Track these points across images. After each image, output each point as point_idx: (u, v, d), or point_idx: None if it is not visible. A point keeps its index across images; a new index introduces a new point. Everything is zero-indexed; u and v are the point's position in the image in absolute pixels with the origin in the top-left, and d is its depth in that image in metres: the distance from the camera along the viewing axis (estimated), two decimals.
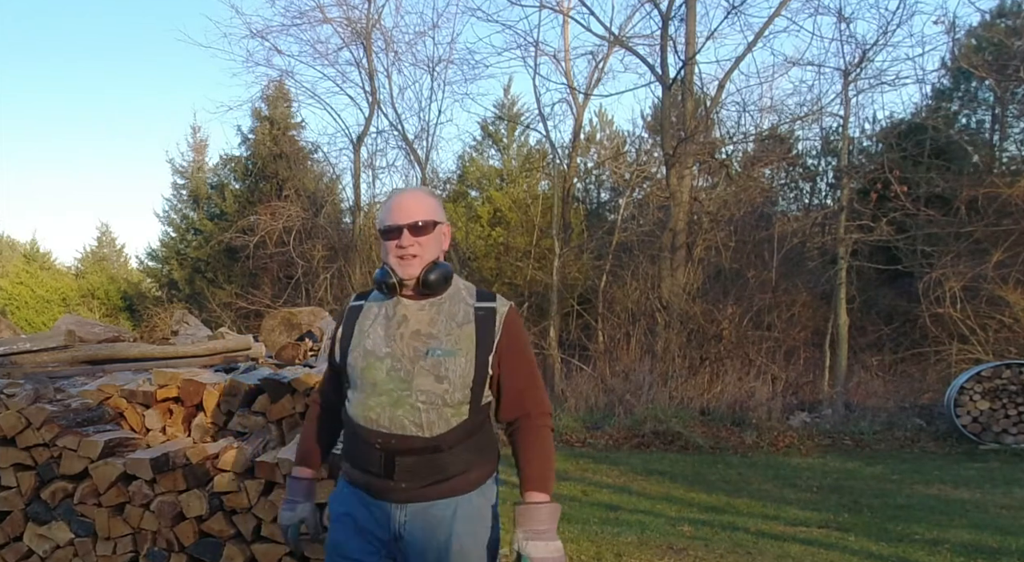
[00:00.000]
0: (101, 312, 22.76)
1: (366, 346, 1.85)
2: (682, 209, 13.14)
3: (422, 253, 1.82)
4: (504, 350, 1.84)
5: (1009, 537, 5.21)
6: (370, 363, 1.82)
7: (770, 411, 10.00)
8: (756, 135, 15.10)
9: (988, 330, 11.29)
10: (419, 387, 1.77)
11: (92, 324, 6.26)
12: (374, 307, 1.91)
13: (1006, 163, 14.48)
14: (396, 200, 1.87)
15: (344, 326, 1.94)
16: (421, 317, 1.84)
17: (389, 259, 1.85)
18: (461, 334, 1.81)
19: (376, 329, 1.86)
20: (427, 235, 1.83)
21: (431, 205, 1.87)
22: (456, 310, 1.85)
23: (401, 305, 1.86)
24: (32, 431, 3.30)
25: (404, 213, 1.83)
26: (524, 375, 1.88)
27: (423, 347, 1.80)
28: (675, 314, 12.32)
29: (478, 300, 1.88)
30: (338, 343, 1.94)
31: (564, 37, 15.93)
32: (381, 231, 1.87)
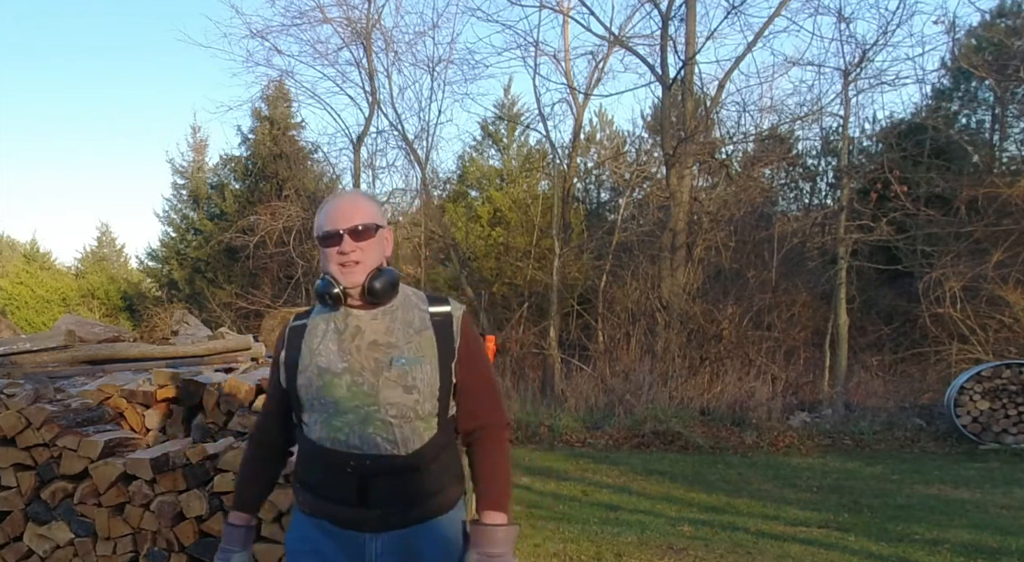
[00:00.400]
0: (101, 312, 22.76)
1: (319, 364, 1.70)
2: (682, 209, 13.14)
3: (365, 259, 1.70)
4: (464, 356, 1.73)
5: (1009, 537, 5.21)
6: (327, 381, 1.68)
7: (770, 411, 9.99)
8: (756, 135, 15.10)
9: (988, 330, 11.29)
10: (387, 400, 1.64)
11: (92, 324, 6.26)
12: (320, 323, 1.76)
13: (1006, 163, 14.48)
14: (334, 204, 1.75)
15: (288, 350, 1.78)
16: (376, 327, 1.71)
17: (330, 267, 1.72)
18: (422, 341, 1.70)
19: (327, 345, 1.71)
20: (369, 240, 1.71)
21: (371, 209, 1.74)
22: (411, 317, 1.73)
23: (352, 316, 1.73)
24: (32, 431, 3.30)
25: (343, 217, 1.70)
26: (484, 383, 1.77)
27: (385, 357, 1.67)
28: (675, 314, 12.32)
29: (431, 305, 1.77)
30: (283, 368, 1.78)
31: (564, 37, 15.94)
32: (320, 238, 1.73)
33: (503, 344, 12.96)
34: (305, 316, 1.82)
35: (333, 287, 1.70)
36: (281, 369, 1.79)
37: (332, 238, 1.70)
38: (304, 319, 1.81)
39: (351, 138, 16.82)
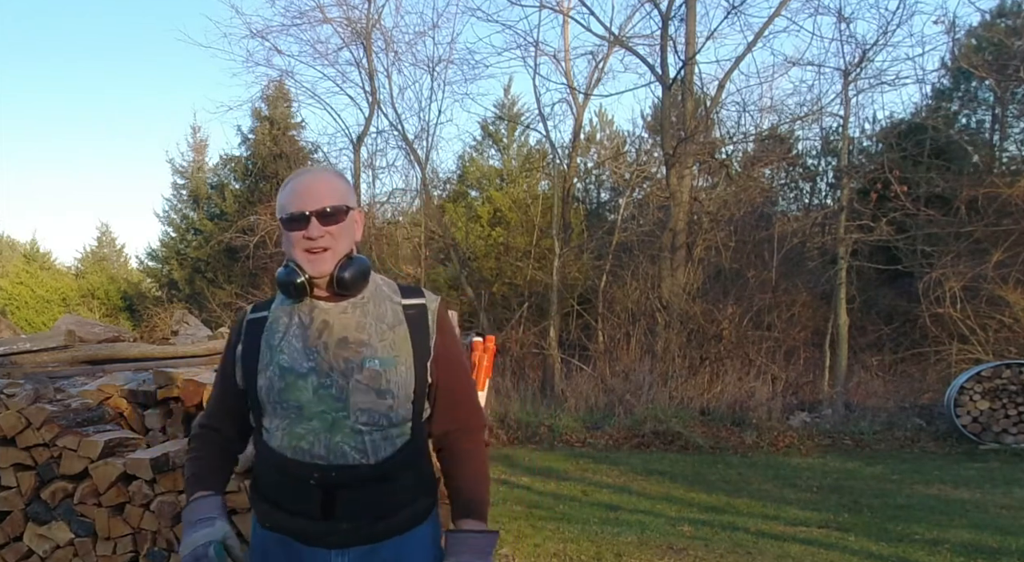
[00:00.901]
0: (101, 312, 22.76)
1: (281, 363, 1.53)
2: (682, 209, 13.14)
3: (334, 245, 1.52)
4: (441, 354, 1.59)
5: (1009, 537, 5.21)
6: (290, 382, 1.51)
7: (770, 411, 9.99)
8: (756, 135, 15.10)
9: (988, 330, 11.29)
10: (358, 405, 1.50)
11: (92, 324, 6.26)
12: (282, 317, 1.58)
13: (1006, 163, 14.47)
14: (300, 182, 1.56)
15: (245, 344, 1.60)
16: (346, 321, 1.54)
17: (295, 253, 1.54)
18: (396, 338, 1.55)
19: (291, 342, 1.54)
20: (339, 223, 1.53)
21: (341, 188, 1.57)
22: (383, 310, 1.57)
23: (318, 309, 1.56)
24: (32, 431, 3.30)
25: (310, 197, 1.52)
26: (460, 383, 1.63)
27: (356, 357, 1.51)
28: (675, 314, 12.32)
29: (404, 296, 1.61)
30: (239, 364, 1.60)
31: (564, 37, 15.93)
32: (283, 220, 1.55)
33: (503, 344, 12.96)
34: (265, 307, 1.64)
35: (297, 275, 1.52)
36: (237, 365, 1.61)
37: (297, 221, 1.52)
38: (263, 310, 1.63)
39: (351, 138, 16.82)
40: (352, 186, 1.71)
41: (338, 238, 1.54)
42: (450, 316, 1.71)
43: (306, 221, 1.52)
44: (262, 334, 1.59)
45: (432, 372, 1.58)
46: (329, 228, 1.52)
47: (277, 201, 1.59)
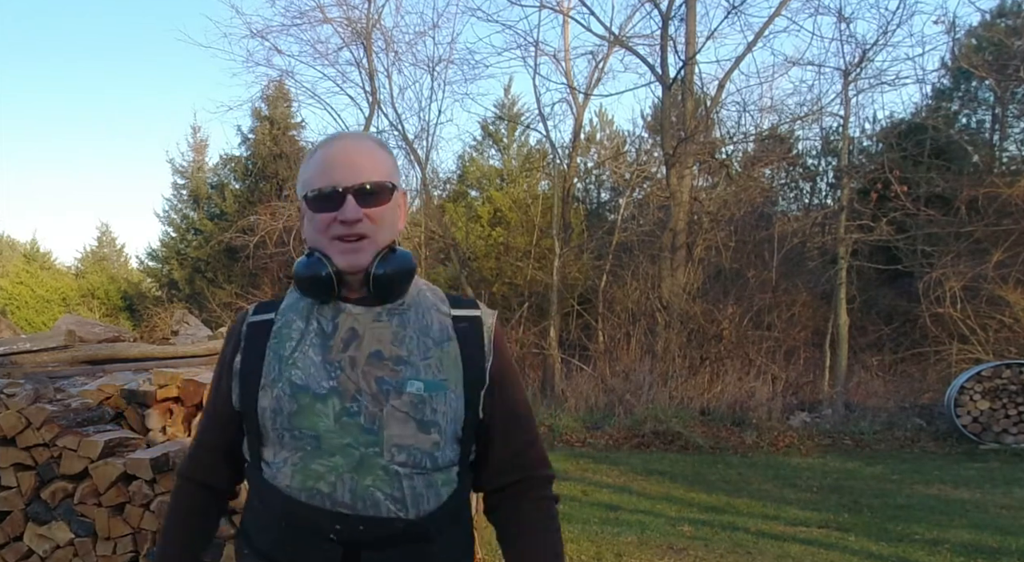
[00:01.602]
0: (101, 312, 22.76)
1: (292, 380, 1.20)
2: (682, 209, 13.14)
3: (374, 233, 1.21)
4: (498, 382, 1.26)
5: (1009, 537, 5.21)
6: (305, 405, 1.18)
7: (770, 411, 10.00)
8: (756, 135, 15.10)
9: (988, 330, 11.29)
10: (395, 440, 1.17)
11: (92, 324, 6.26)
12: (295, 321, 1.25)
13: (1006, 163, 14.47)
14: (334, 151, 1.24)
15: (245, 354, 1.27)
16: (381, 332, 1.22)
17: (321, 241, 1.23)
18: (444, 358, 1.22)
19: (306, 352, 1.21)
20: (381, 206, 1.21)
21: (385, 162, 1.25)
22: (428, 321, 1.24)
23: (345, 314, 1.23)
24: (32, 431, 3.30)
25: (348, 170, 1.20)
26: (522, 419, 1.31)
27: (393, 378, 1.19)
28: (675, 314, 12.32)
29: (454, 307, 1.29)
30: (236, 379, 1.26)
31: (564, 37, 15.93)
32: (310, 199, 1.23)
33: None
34: (270, 308, 1.30)
35: (324, 267, 1.20)
36: (234, 380, 1.27)
37: (328, 199, 1.20)
38: (269, 312, 1.29)
39: None
40: (393, 156, 1.31)
41: (379, 224, 1.21)
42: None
43: (340, 200, 1.19)
44: (268, 342, 1.25)
45: (486, 405, 1.25)
46: (369, 210, 1.20)
47: (299, 175, 1.27)
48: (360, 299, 1.25)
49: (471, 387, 1.23)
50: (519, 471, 1.31)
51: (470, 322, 1.27)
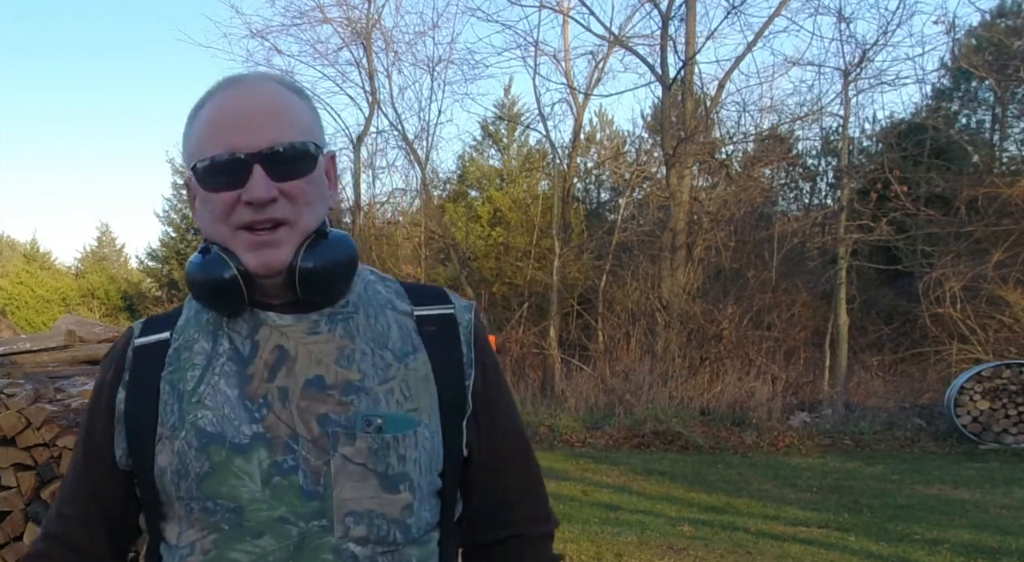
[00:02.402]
0: (101, 312, 22.77)
1: (200, 425, 0.85)
2: (682, 209, 13.14)
3: (296, 217, 0.87)
4: (484, 403, 0.93)
5: (1009, 537, 5.21)
6: (218, 463, 0.84)
7: (770, 411, 10.00)
8: (756, 135, 15.10)
9: (988, 330, 11.29)
10: (349, 506, 0.84)
11: (92, 324, 6.26)
12: (199, 340, 0.91)
13: (1006, 163, 14.47)
14: (230, 101, 0.87)
15: (132, 386, 0.91)
16: (320, 349, 0.88)
17: (222, 232, 0.88)
18: (410, 377, 0.88)
19: (216, 385, 0.87)
20: (301, 177, 0.87)
21: (303, 113, 0.90)
22: (383, 326, 0.91)
23: (269, 327, 0.89)
24: (32, 431, 3.30)
25: (251, 128, 0.85)
26: (516, 454, 0.98)
27: (341, 413, 0.85)
28: (675, 314, 12.32)
29: (416, 302, 0.94)
30: (120, 425, 0.91)
31: (564, 37, 15.93)
32: (200, 172, 0.87)
33: (503, 344, 12.96)
34: (166, 324, 0.95)
35: (223, 267, 0.86)
36: (116, 427, 0.91)
37: (227, 172, 0.85)
38: (163, 330, 0.94)
39: (351, 138, 16.83)
40: (314, 107, 0.95)
41: (301, 203, 0.87)
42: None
43: (243, 173, 0.84)
44: (162, 371, 0.90)
45: (472, 436, 0.92)
46: (286, 186, 0.85)
47: (184, 139, 0.91)
48: (285, 304, 0.90)
49: (449, 414, 0.89)
50: (508, 526, 0.96)
51: (441, 322, 0.93)
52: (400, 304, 0.94)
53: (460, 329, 0.94)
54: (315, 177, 0.89)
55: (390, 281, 0.97)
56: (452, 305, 0.95)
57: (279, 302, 0.90)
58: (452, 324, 0.94)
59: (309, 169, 0.88)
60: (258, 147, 0.84)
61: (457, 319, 0.94)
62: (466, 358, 0.92)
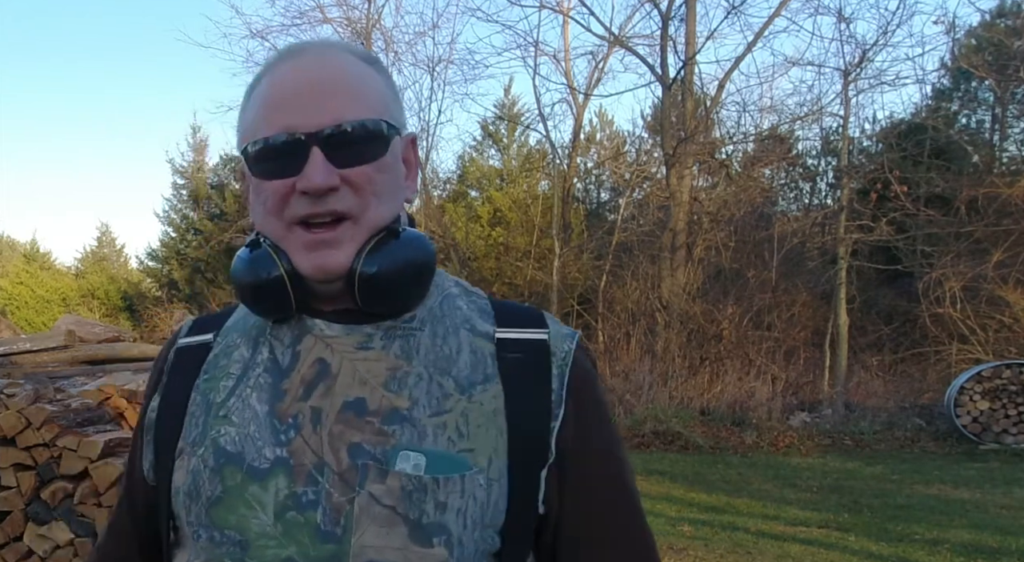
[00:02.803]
0: (101, 312, 22.76)
1: (220, 443, 0.76)
2: (682, 209, 13.15)
3: (362, 211, 0.75)
4: (576, 453, 0.76)
5: (1009, 537, 5.21)
6: (232, 488, 0.74)
7: (770, 411, 10.00)
8: (756, 135, 15.11)
9: (988, 330, 11.30)
10: (368, 555, 0.70)
11: (92, 324, 6.27)
12: (240, 348, 0.82)
13: (1006, 163, 14.48)
14: (290, 73, 0.76)
15: (165, 395, 0.83)
16: (368, 369, 0.75)
17: (276, 227, 0.77)
18: (472, 413, 0.74)
19: (247, 398, 0.77)
20: (373, 162, 0.75)
21: (376, 86, 0.78)
22: (452, 348, 0.77)
23: (313, 337, 0.78)
24: (32, 431, 3.30)
25: (312, 103, 0.73)
26: (617, 519, 0.79)
27: (378, 445, 0.72)
28: (675, 314, 12.32)
29: (502, 323, 0.79)
30: (150, 435, 0.83)
31: (564, 37, 15.94)
32: (251, 156, 0.77)
33: None
34: (214, 324, 0.87)
35: (270, 266, 0.76)
36: (146, 437, 0.83)
37: (282, 156, 0.74)
38: (210, 331, 0.86)
39: None
40: (392, 81, 0.83)
41: (366, 193, 0.74)
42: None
43: (299, 155, 0.73)
44: (198, 378, 0.82)
45: (549, 494, 0.75)
46: (350, 172, 0.73)
47: (239, 120, 0.80)
48: (340, 313, 0.78)
49: (523, 463, 0.73)
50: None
51: (529, 349, 0.77)
52: (481, 324, 0.79)
53: (553, 360, 0.77)
54: (387, 163, 0.76)
55: (477, 296, 0.83)
56: (547, 330, 0.79)
57: (332, 309, 0.79)
58: (543, 353, 0.78)
59: (380, 153, 0.75)
60: (318, 126, 0.73)
61: (551, 348, 0.78)
62: (555, 395, 0.76)
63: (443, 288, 0.82)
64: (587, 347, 0.83)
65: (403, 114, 0.81)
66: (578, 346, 0.80)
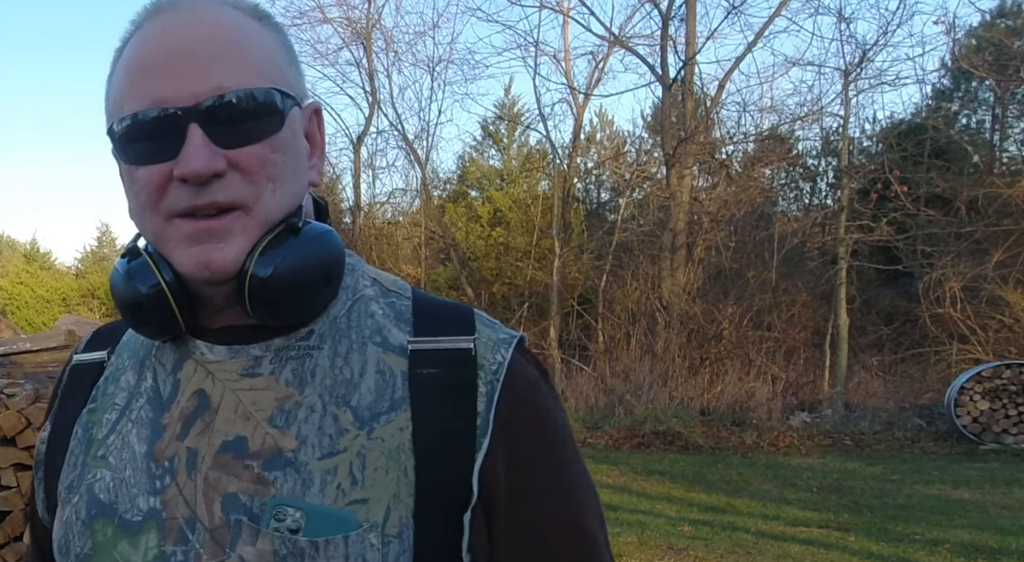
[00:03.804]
0: (101, 312, 22.76)
1: (94, 491, 0.66)
2: (682, 209, 13.15)
3: (254, 199, 0.61)
4: (512, 488, 0.62)
5: (1009, 537, 5.21)
6: (102, 545, 0.64)
7: (770, 411, 10.00)
8: (756, 135, 15.11)
9: (988, 330, 11.30)
10: None
11: (92, 324, 6.27)
12: (127, 372, 0.70)
13: (1006, 163, 14.48)
14: (158, 32, 0.62)
15: (55, 423, 0.73)
16: (252, 400, 0.63)
17: (153, 223, 0.63)
18: (372, 451, 0.60)
19: (127, 435, 0.66)
20: (264, 141, 0.61)
21: (264, 45, 0.64)
22: (354, 369, 0.63)
23: (193, 362, 0.66)
24: (32, 431, 3.30)
25: (188, 68, 0.60)
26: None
27: (254, 496, 0.60)
28: (675, 314, 12.32)
29: (418, 329, 0.65)
30: (40, 469, 0.73)
31: (564, 37, 15.94)
32: (119, 135, 0.63)
33: None
34: (111, 338, 0.75)
35: (146, 278, 0.64)
36: (36, 475, 0.74)
37: (154, 133, 0.61)
38: (105, 347, 0.75)
39: (351, 138, 16.85)
40: (288, 41, 0.68)
41: (259, 178, 0.62)
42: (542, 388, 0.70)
43: (175, 134, 0.60)
44: (84, 405, 0.71)
45: (481, 537, 0.62)
46: (236, 152, 0.61)
47: (106, 91, 0.66)
48: (228, 331, 0.66)
49: (436, 508, 0.60)
50: None
51: (448, 361, 0.63)
52: (394, 334, 0.64)
53: (480, 375, 0.62)
54: (283, 140, 0.62)
55: (399, 296, 0.68)
56: (473, 336, 0.63)
57: (223, 324, 0.66)
58: (467, 366, 0.62)
59: (274, 128, 0.62)
60: (195, 97, 0.59)
61: (478, 359, 0.62)
62: (480, 419, 0.61)
63: (355, 290, 0.67)
64: (530, 354, 0.68)
65: (302, 80, 0.68)
66: (516, 354, 0.65)
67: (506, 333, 0.66)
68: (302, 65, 0.71)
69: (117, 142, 0.64)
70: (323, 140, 0.71)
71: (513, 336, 0.66)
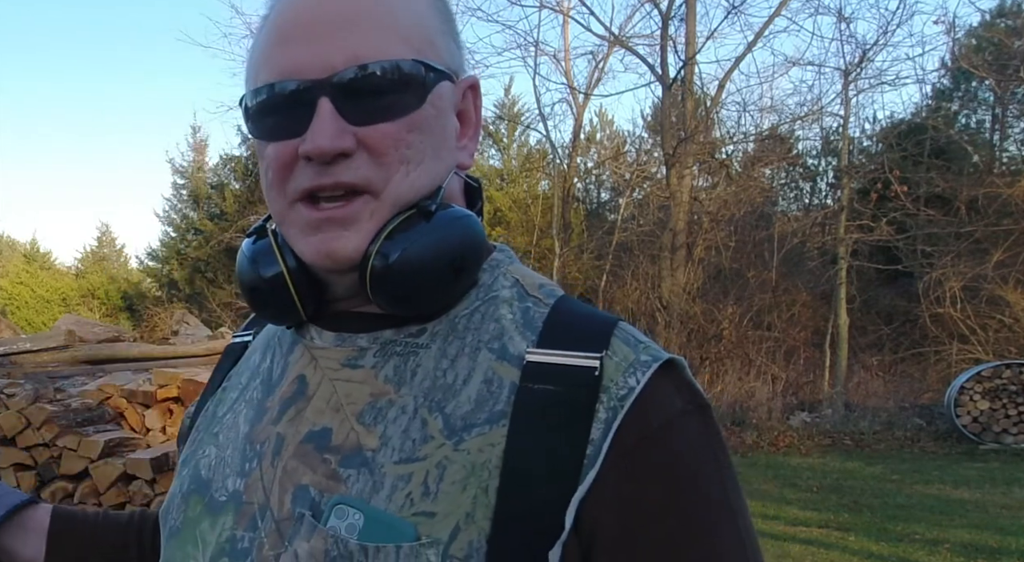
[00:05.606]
0: (101, 312, 22.77)
1: (198, 467, 0.66)
2: (682, 209, 13.14)
3: (383, 181, 0.57)
4: (619, 536, 0.52)
5: (1009, 537, 5.21)
6: (191, 519, 0.63)
7: (770, 411, 10.00)
8: (756, 135, 15.11)
9: (988, 330, 11.30)
10: None
11: (92, 324, 6.27)
12: (256, 351, 0.71)
13: (1006, 163, 14.49)
14: (298, 1, 0.58)
15: (200, 399, 0.75)
16: (351, 390, 0.59)
17: (274, 204, 0.61)
18: (453, 463, 0.54)
19: (239, 416, 0.66)
20: (400, 118, 0.57)
21: (407, 10, 0.59)
22: (459, 374, 0.57)
23: (302, 347, 0.64)
24: (32, 431, 3.30)
25: (320, 39, 0.56)
26: None
27: (327, 489, 0.56)
28: (675, 314, 12.32)
29: (543, 340, 0.57)
30: (181, 445, 0.74)
31: (564, 37, 15.93)
32: (252, 109, 0.60)
33: None
34: (259, 322, 0.75)
35: (269, 264, 0.62)
36: (179, 449, 0.74)
37: (283, 107, 0.58)
38: (253, 327, 0.76)
39: None
40: (447, 8, 0.63)
41: (390, 160, 0.58)
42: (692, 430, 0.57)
43: (304, 108, 0.57)
44: (223, 382, 0.73)
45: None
46: (366, 129, 0.57)
47: (247, 61, 0.63)
48: (344, 317, 0.64)
49: (518, 536, 0.52)
50: None
51: (566, 380, 0.55)
52: (515, 342, 0.58)
53: (602, 398, 0.54)
54: (423, 118, 0.58)
55: (536, 303, 0.60)
56: (601, 354, 0.55)
57: (348, 307, 0.63)
58: (587, 387, 0.54)
59: (413, 105, 0.57)
60: (329, 68, 0.55)
61: (603, 380, 0.54)
62: (592, 448, 0.52)
63: (489, 289, 0.61)
64: (686, 383, 0.57)
65: (459, 52, 0.62)
66: (658, 380, 0.55)
67: (650, 355, 0.56)
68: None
69: (248, 115, 0.61)
70: (479, 119, 0.65)
71: (657, 358, 0.56)
